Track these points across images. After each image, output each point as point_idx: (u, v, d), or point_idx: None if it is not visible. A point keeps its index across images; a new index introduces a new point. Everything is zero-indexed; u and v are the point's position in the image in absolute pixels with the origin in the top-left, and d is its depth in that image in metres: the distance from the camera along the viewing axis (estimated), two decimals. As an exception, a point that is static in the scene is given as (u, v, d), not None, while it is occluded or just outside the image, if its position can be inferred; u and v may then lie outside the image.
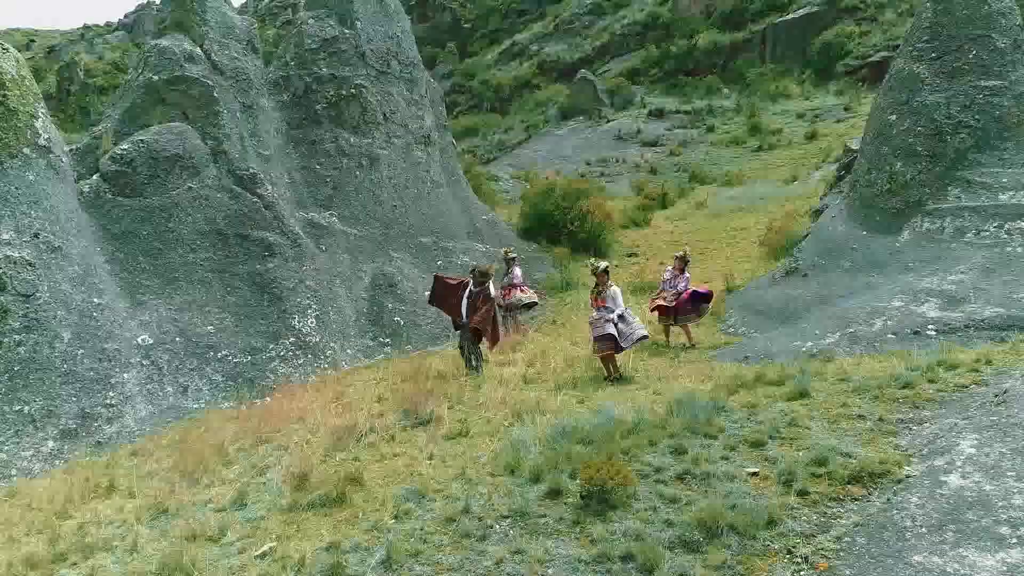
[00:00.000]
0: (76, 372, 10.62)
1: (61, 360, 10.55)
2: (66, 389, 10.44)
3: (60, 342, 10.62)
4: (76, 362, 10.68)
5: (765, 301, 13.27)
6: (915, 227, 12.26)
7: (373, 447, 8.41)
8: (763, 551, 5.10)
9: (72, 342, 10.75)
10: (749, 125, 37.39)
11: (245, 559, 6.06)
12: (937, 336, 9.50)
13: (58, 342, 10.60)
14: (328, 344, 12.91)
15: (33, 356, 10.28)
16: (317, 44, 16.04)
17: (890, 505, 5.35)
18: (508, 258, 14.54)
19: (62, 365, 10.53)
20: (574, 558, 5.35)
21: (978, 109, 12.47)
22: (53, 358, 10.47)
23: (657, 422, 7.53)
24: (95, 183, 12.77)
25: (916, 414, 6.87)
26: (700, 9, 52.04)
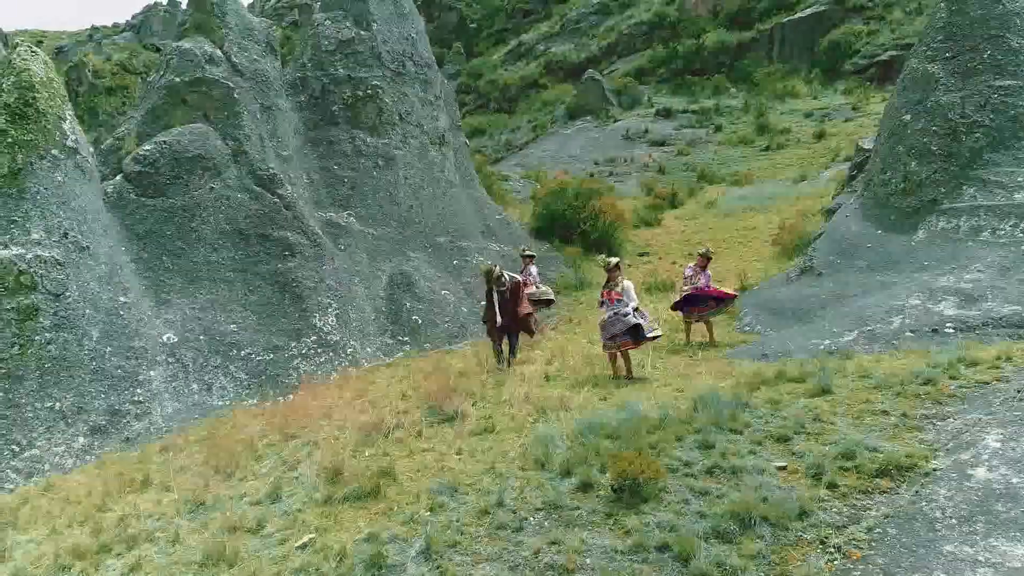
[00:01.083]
0: (104, 370, 10.80)
1: (90, 358, 10.73)
2: (95, 386, 10.62)
3: (89, 340, 10.80)
4: (104, 360, 10.86)
5: (780, 300, 13.38)
6: (930, 226, 12.37)
7: (401, 443, 8.56)
8: (796, 541, 5.24)
9: (100, 340, 10.93)
10: (757, 125, 37.49)
11: (286, 550, 6.22)
12: (955, 334, 9.62)
13: (87, 340, 10.78)
14: (348, 342, 13.07)
15: (63, 354, 10.46)
16: (334, 45, 16.21)
17: (919, 497, 5.49)
18: (525, 255, 14.67)
19: (91, 363, 10.72)
20: (610, 548, 5.50)
21: (993, 108, 12.57)
22: (82, 356, 10.65)
23: (682, 418, 7.66)
24: (119, 183, 12.96)
25: (939, 410, 6.99)
26: (707, 9, 52.13)
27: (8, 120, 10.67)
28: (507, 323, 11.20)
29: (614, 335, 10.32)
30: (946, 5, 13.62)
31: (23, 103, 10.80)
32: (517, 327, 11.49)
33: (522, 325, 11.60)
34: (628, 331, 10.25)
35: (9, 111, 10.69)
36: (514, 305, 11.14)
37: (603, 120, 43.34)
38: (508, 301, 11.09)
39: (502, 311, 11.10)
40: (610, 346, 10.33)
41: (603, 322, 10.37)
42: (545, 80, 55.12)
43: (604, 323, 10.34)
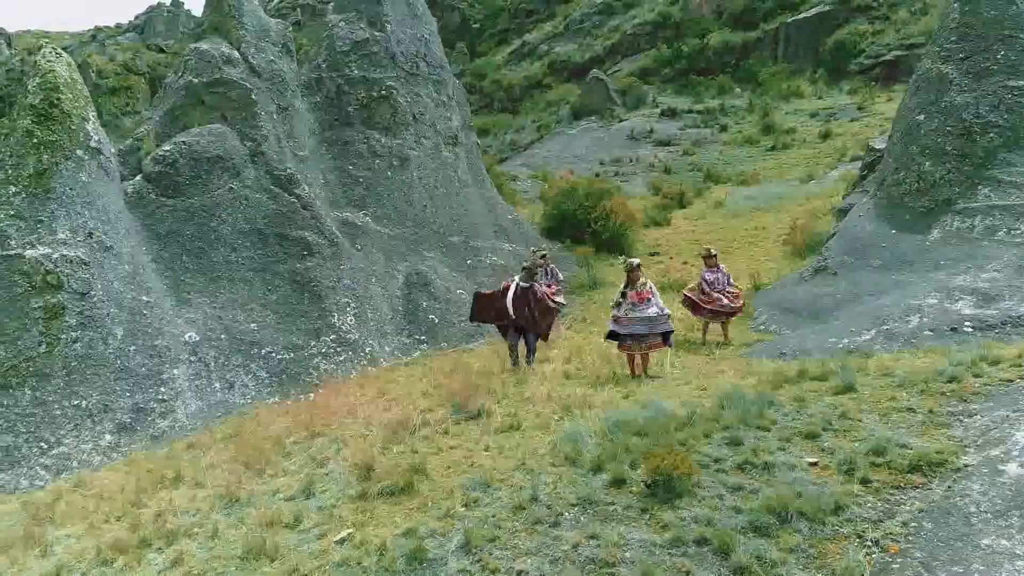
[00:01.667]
0: (129, 368, 10.90)
1: (115, 356, 10.83)
2: (120, 385, 10.73)
3: (113, 339, 10.90)
4: (128, 358, 10.97)
5: (794, 299, 13.49)
6: (945, 226, 12.47)
7: (428, 440, 8.66)
8: (833, 535, 5.34)
9: (124, 339, 11.04)
10: (762, 124, 37.49)
11: (325, 544, 6.31)
12: (974, 333, 9.72)
13: (111, 339, 10.89)
14: (367, 341, 13.18)
15: (89, 352, 10.57)
16: (348, 46, 16.31)
17: (952, 493, 5.58)
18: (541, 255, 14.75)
19: (116, 361, 10.82)
20: (649, 542, 5.59)
21: (1007, 109, 12.67)
22: (107, 354, 10.76)
23: (709, 415, 7.77)
24: (138, 184, 13.06)
25: (965, 407, 7.09)
26: (711, 9, 52.21)
27: (34, 121, 10.77)
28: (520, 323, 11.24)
29: (642, 335, 10.41)
30: (959, 6, 13.72)
31: (48, 104, 10.91)
32: (534, 327, 11.55)
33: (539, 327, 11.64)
34: (660, 333, 10.39)
35: (35, 112, 10.80)
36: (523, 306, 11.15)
37: (608, 120, 43.38)
38: (527, 300, 11.13)
39: (515, 307, 11.11)
40: (635, 347, 10.43)
41: (624, 321, 10.45)
42: (549, 80, 55.18)
43: (626, 322, 10.43)
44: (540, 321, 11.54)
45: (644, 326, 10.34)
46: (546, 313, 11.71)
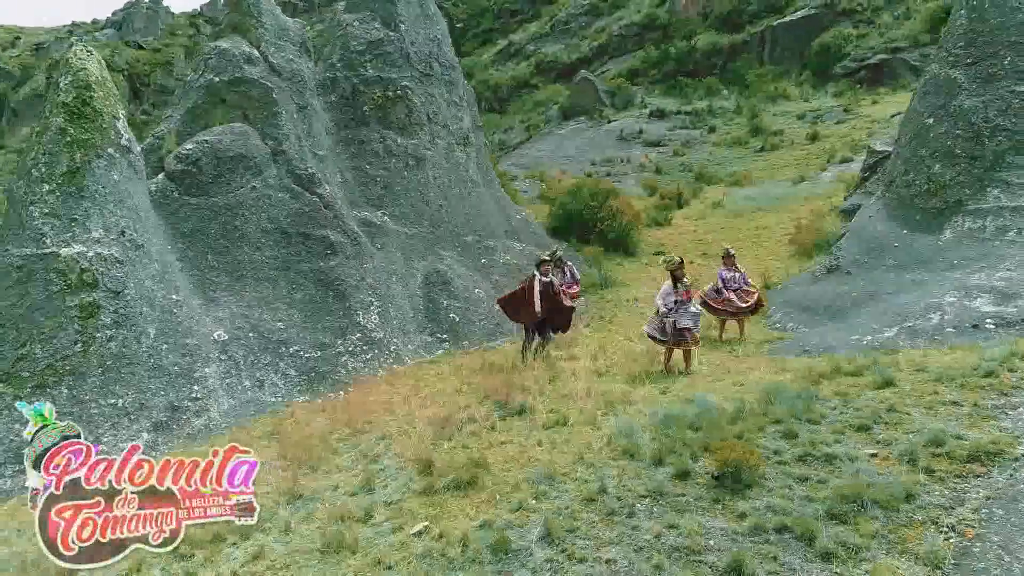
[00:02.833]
0: (162, 367, 10.89)
1: (148, 355, 10.81)
2: (154, 383, 10.71)
3: (146, 338, 10.88)
4: (161, 357, 10.95)
5: (810, 297, 13.82)
6: (957, 226, 12.87)
7: (475, 436, 8.80)
8: (909, 522, 5.59)
9: (157, 337, 11.02)
10: (751, 126, 38.00)
11: (402, 537, 6.44)
12: (996, 329, 10.08)
13: (144, 338, 10.86)
14: (392, 340, 13.27)
15: (123, 351, 10.54)
16: (363, 46, 16.37)
17: (1015, 480, 5.87)
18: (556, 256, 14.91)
19: (149, 360, 10.80)
20: (729, 531, 5.81)
21: (1015, 113, 13.11)
22: (141, 353, 10.73)
23: (757, 409, 8.00)
24: (161, 182, 13.02)
25: (1007, 400, 7.40)
26: (697, 10, 52.80)
27: (67, 119, 10.71)
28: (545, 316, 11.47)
29: (688, 329, 10.62)
30: (966, 12, 14.15)
31: (80, 102, 10.86)
32: (558, 321, 11.77)
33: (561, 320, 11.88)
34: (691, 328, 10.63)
35: (67, 110, 10.74)
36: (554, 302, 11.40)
37: (597, 121, 43.68)
38: (550, 295, 11.37)
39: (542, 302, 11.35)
40: (680, 343, 10.63)
41: (669, 318, 10.63)
42: (536, 80, 55.45)
43: (671, 319, 10.61)
44: (565, 313, 11.80)
45: (691, 321, 10.56)
46: (564, 307, 11.96)
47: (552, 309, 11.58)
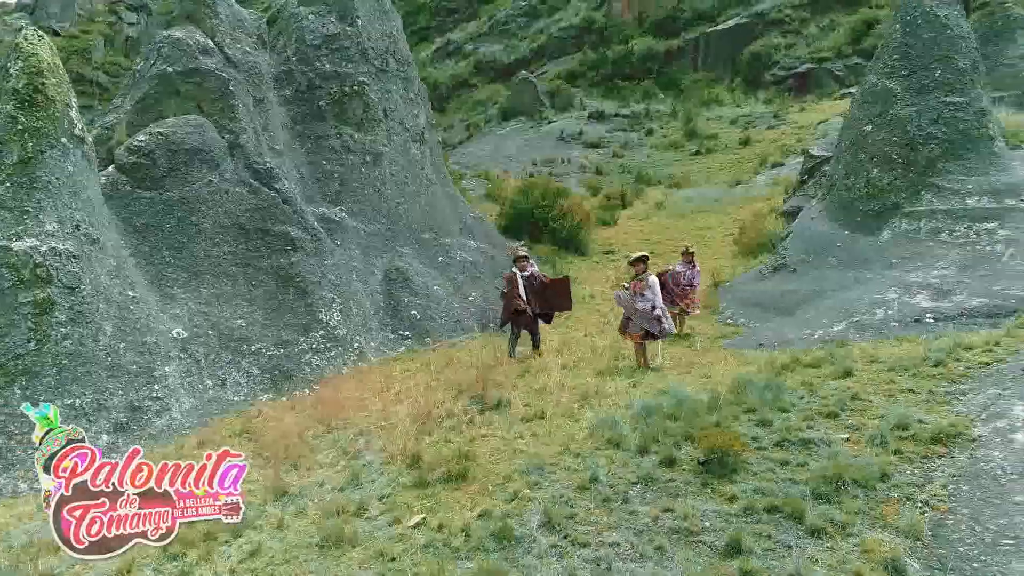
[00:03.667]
0: (120, 365, 10.51)
1: (105, 354, 10.42)
2: (112, 383, 10.34)
3: (103, 335, 10.48)
4: (119, 355, 10.57)
5: (759, 294, 14.45)
6: (894, 228, 13.71)
7: (456, 430, 8.89)
8: (886, 499, 6.03)
9: (114, 335, 10.63)
10: (686, 130, 39.10)
11: (401, 530, 6.49)
12: (936, 324, 10.82)
13: (101, 335, 10.46)
14: (354, 337, 13.16)
15: (79, 349, 10.12)
16: (319, 40, 16.14)
17: (975, 459, 6.39)
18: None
19: (106, 359, 10.41)
20: (723, 512, 6.11)
21: (945, 123, 14.06)
22: (98, 351, 10.33)
23: (731, 399, 8.39)
24: (112, 174, 12.55)
25: (957, 387, 8.01)
26: (633, 15, 53.99)
27: (17, 106, 10.21)
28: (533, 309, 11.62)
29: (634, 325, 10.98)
30: (901, 27, 15.08)
31: (32, 89, 10.35)
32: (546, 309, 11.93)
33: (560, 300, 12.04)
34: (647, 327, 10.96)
35: (18, 97, 10.23)
36: (539, 291, 11.59)
37: (537, 121, 44.08)
38: (533, 288, 11.54)
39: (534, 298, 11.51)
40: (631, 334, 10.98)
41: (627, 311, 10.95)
42: (476, 80, 55.56)
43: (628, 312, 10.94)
44: (559, 290, 11.97)
45: (639, 317, 10.90)
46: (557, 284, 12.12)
47: (545, 294, 11.71)
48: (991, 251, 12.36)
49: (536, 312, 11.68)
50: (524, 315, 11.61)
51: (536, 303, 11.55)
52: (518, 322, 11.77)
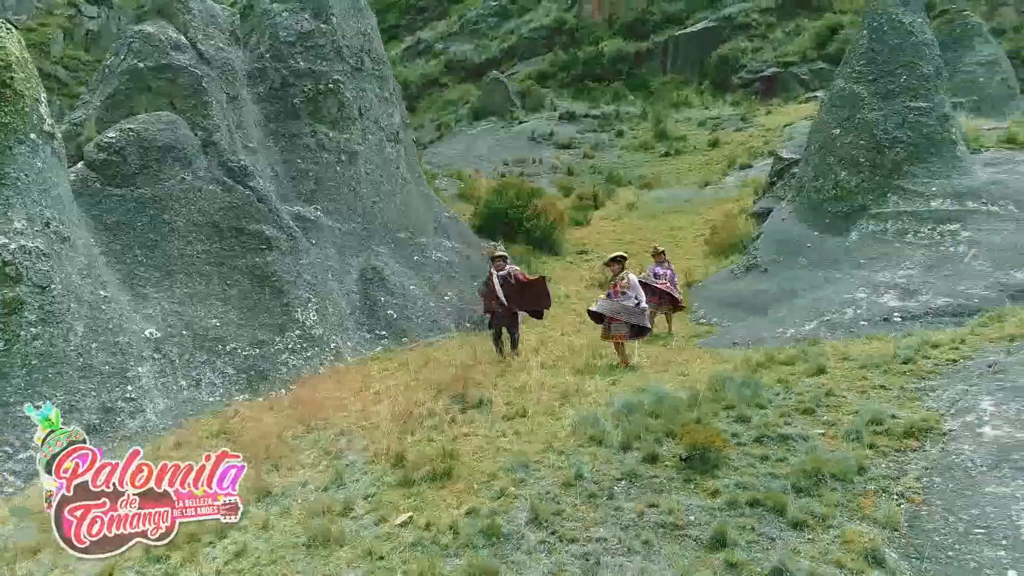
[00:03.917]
0: (92, 366, 10.32)
1: (77, 354, 10.22)
2: (84, 384, 10.14)
3: (75, 335, 10.28)
4: (91, 356, 10.38)
5: (732, 294, 14.71)
6: (862, 229, 14.06)
7: (438, 429, 8.90)
8: (864, 492, 6.20)
9: (86, 335, 10.43)
10: (656, 131, 39.52)
11: (388, 528, 6.49)
12: (904, 322, 11.14)
13: (72, 335, 10.26)
14: (331, 337, 13.08)
15: (50, 350, 9.91)
16: (293, 37, 16.00)
17: (946, 452, 6.61)
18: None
19: (78, 359, 10.21)
20: (707, 507, 6.24)
21: (910, 127, 14.47)
22: (69, 352, 10.13)
23: (711, 396, 8.54)
24: (81, 171, 12.30)
25: (926, 383, 8.26)
26: (603, 17, 54.40)
27: (-16, 101, 9.96)
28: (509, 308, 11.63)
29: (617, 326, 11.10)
30: (867, 33, 15.47)
31: (0, 84, 10.11)
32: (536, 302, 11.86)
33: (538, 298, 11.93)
34: (630, 325, 11.08)
35: (-14, 91, 9.99)
36: (517, 291, 11.60)
37: (508, 121, 44.18)
38: (511, 287, 11.56)
39: (509, 298, 11.52)
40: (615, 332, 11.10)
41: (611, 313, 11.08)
42: (446, 79, 55.50)
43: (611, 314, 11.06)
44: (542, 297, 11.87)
45: (626, 314, 11.02)
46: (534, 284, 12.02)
47: (523, 294, 11.68)
48: (954, 252, 12.75)
49: (515, 311, 11.71)
50: (502, 314, 11.64)
51: (516, 302, 11.58)
52: (497, 321, 11.80)
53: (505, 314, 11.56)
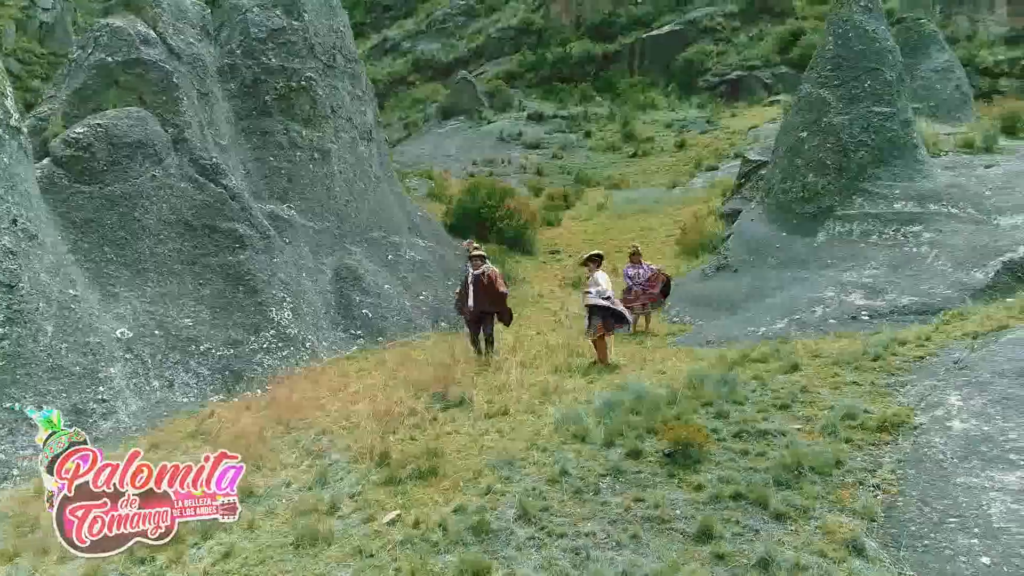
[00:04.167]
0: (63, 367, 10.11)
1: (46, 355, 10.00)
2: (55, 385, 9.93)
3: (44, 336, 10.05)
4: (61, 356, 10.16)
5: (704, 293, 14.97)
6: (829, 230, 14.42)
7: (419, 428, 8.92)
8: (841, 484, 6.40)
9: (55, 336, 10.21)
10: (624, 132, 39.92)
11: (376, 527, 6.50)
12: (871, 320, 11.47)
13: (42, 336, 10.03)
14: (306, 336, 12.98)
15: (18, 351, 9.69)
16: (265, 34, 15.82)
17: (918, 445, 6.86)
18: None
19: (48, 360, 9.99)
20: (691, 500, 6.37)
21: (874, 131, 14.87)
22: (38, 352, 9.91)
23: (690, 393, 8.71)
24: (47, 167, 12.02)
25: (896, 379, 8.54)
26: (571, 19, 54.71)
27: (-51, 94, 9.68)
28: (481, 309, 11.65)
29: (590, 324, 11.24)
30: (833, 40, 15.87)
31: (-35, 76, 9.85)
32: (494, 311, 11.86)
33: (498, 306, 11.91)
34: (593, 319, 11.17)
35: (-50, 84, 9.71)
36: (491, 292, 11.61)
37: (477, 121, 44.18)
38: (484, 287, 11.57)
39: (476, 297, 11.54)
40: (589, 334, 11.23)
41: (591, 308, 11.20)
42: (414, 78, 55.30)
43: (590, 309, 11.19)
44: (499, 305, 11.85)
45: (599, 313, 11.14)
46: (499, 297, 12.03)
47: (490, 299, 11.68)
48: (917, 252, 13.15)
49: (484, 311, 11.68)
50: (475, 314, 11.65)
51: (482, 304, 11.55)
52: (471, 320, 11.83)
53: (475, 315, 11.57)
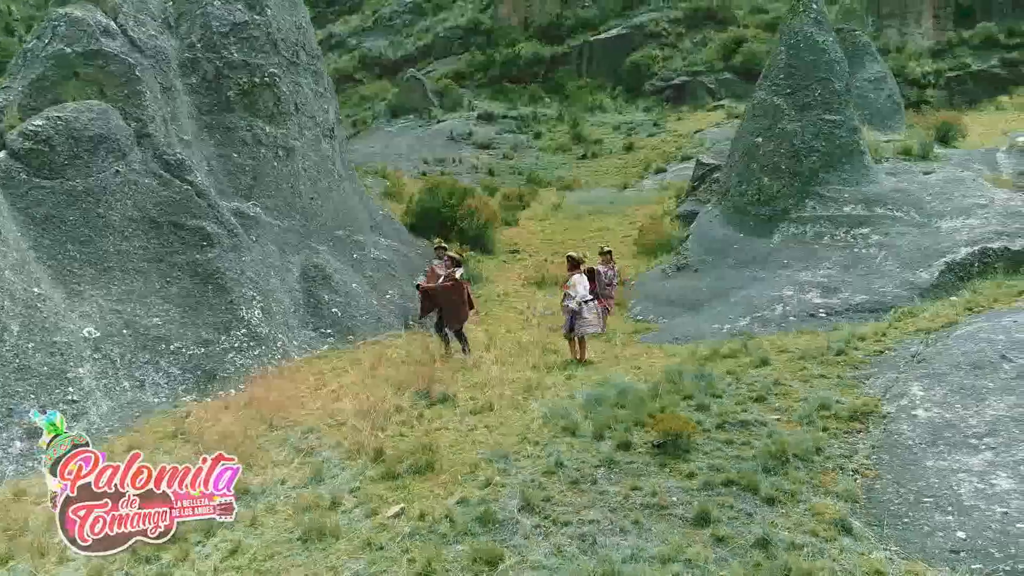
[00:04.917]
0: (30, 367, 9.80)
1: (12, 355, 9.69)
2: (22, 386, 9.63)
3: (10, 335, 9.74)
4: (28, 357, 9.85)
5: (666, 292, 15.45)
6: (784, 232, 15.10)
7: (407, 424, 9.03)
8: (823, 469, 6.84)
9: (21, 335, 9.89)
10: (573, 134, 40.47)
11: (381, 520, 6.61)
12: (828, 317, 12.11)
13: (7, 335, 9.71)
14: (277, 335, 12.85)
15: (-16, 351, 9.36)
16: (227, 28, 15.54)
17: (888, 433, 7.37)
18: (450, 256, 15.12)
19: (14, 360, 9.68)
20: (685, 488, 6.70)
21: (824, 138, 15.63)
22: (5, 352, 9.60)
23: (670, 388, 9.07)
24: (4, 160, 11.59)
25: (859, 372, 9.10)
26: (519, 20, 55.05)
27: (-91, 83, 9.26)
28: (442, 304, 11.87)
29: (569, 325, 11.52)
30: (785, 50, 16.60)
31: (-75, 65, 9.43)
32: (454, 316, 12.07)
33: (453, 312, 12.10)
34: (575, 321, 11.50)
35: (-90, 73, 9.28)
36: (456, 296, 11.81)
37: (427, 120, 44.05)
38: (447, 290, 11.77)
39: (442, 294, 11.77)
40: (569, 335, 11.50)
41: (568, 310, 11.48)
42: (361, 75, 54.70)
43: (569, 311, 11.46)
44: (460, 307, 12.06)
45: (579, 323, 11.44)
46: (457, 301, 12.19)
47: (450, 301, 11.88)
48: (867, 253, 13.91)
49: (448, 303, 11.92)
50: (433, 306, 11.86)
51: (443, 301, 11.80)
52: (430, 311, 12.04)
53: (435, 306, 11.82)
